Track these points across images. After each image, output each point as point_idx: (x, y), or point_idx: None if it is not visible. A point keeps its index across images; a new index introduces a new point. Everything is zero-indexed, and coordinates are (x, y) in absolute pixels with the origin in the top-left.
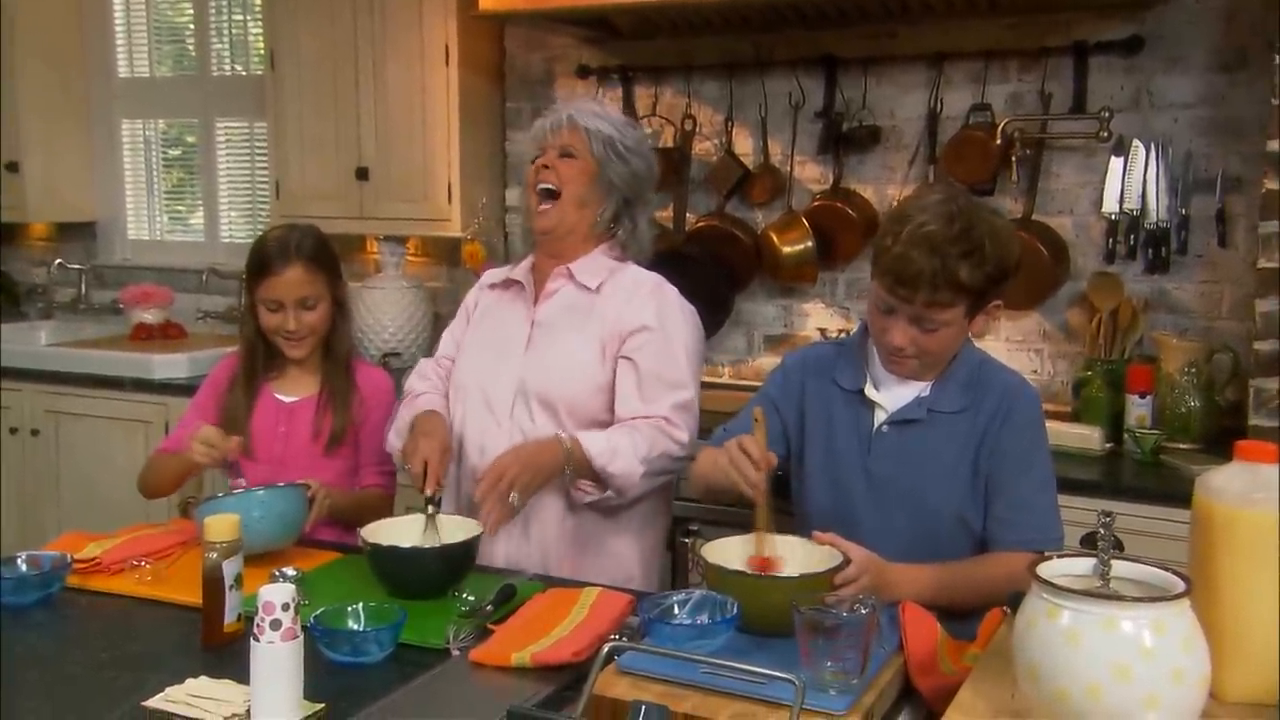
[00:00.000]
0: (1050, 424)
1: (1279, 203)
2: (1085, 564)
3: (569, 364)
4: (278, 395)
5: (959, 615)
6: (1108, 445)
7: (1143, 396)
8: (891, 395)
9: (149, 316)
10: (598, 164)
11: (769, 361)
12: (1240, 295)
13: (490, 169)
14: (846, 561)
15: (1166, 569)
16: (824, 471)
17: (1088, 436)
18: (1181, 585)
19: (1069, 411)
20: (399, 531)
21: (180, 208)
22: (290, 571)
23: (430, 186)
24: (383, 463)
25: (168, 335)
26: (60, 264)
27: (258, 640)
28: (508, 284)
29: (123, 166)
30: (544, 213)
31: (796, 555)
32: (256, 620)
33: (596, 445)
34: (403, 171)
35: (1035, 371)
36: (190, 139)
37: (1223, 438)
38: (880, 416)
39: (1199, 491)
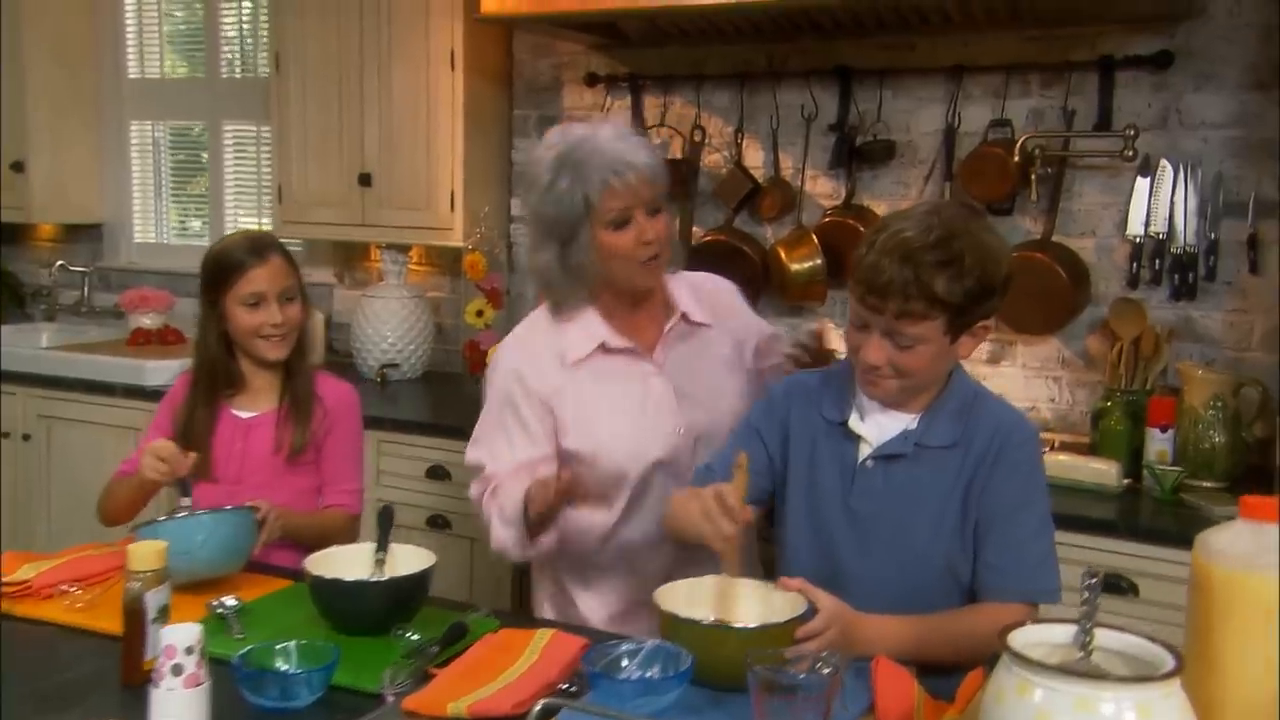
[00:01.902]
0: (1067, 457)
1: None
2: (1065, 632)
3: (724, 404)
4: (235, 412)
5: (944, 671)
6: (1125, 481)
7: (1164, 430)
8: (877, 428)
9: (148, 321)
10: (668, 205)
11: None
12: (1271, 326)
13: (495, 177)
14: (813, 611)
15: (1156, 642)
16: (805, 508)
17: (1104, 472)
18: (1171, 662)
19: (1086, 444)
20: (348, 560)
21: (187, 211)
22: (230, 601)
23: (433, 194)
24: (347, 481)
25: (165, 340)
26: (63, 266)
27: (156, 687)
28: (603, 350)
29: (130, 168)
30: (654, 270)
31: (763, 601)
32: (157, 664)
33: None
34: (406, 178)
35: (1053, 400)
36: (199, 141)
37: (1249, 477)
38: (864, 450)
39: (1198, 553)
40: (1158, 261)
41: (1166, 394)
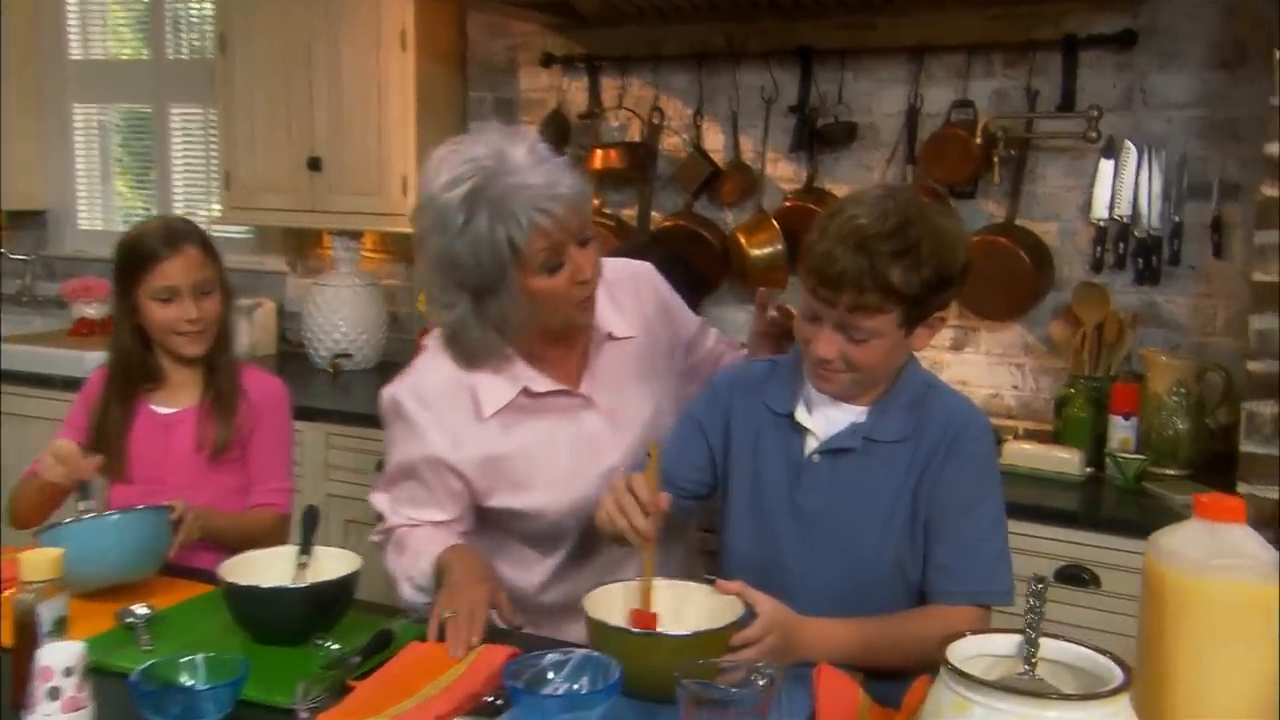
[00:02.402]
0: (1029, 446)
1: (1278, 210)
2: (1009, 643)
3: (663, 420)
4: (155, 408)
5: (893, 676)
6: (1088, 470)
7: (1127, 418)
8: (824, 420)
9: (91, 311)
10: (595, 231)
11: None
12: (1236, 310)
13: None
14: (752, 615)
15: (1105, 653)
16: (749, 504)
17: (1067, 460)
18: (1119, 677)
19: (1050, 432)
20: (268, 564)
21: (134, 197)
22: (140, 610)
23: (385, 179)
24: (275, 479)
25: (109, 331)
26: (4, 254)
27: (30, 713)
28: (525, 395)
29: (74, 153)
30: (590, 305)
31: (699, 605)
32: (30, 688)
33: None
34: (357, 163)
35: (1016, 387)
36: (146, 125)
37: (1212, 464)
38: (811, 444)
39: (1150, 554)
40: (1121, 245)
41: (1130, 380)
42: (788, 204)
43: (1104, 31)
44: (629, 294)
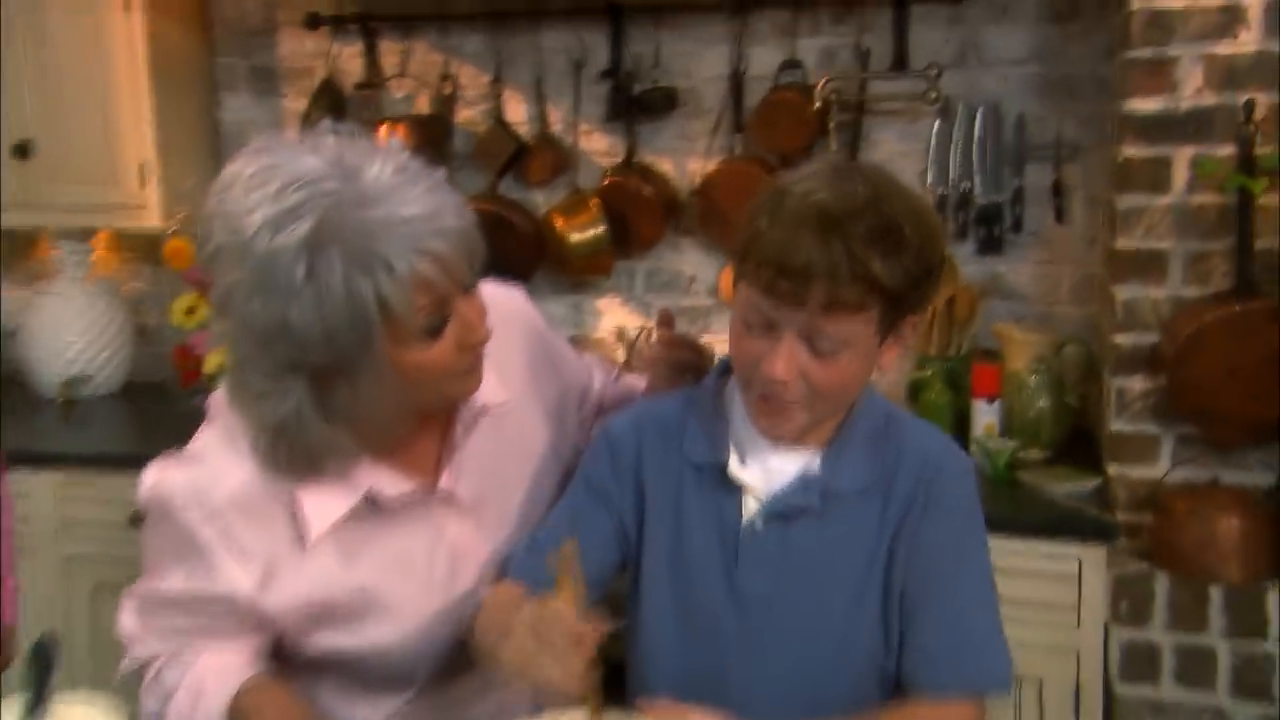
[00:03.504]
0: None
1: (1142, 172)
2: None
3: (542, 485)
4: None
5: None
6: None
7: (990, 401)
8: (764, 472)
9: None
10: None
11: None
12: (1080, 277)
13: (199, 142)
14: None
15: None
16: (671, 588)
17: None
18: None
19: None
20: None
21: None
22: None
23: (116, 165)
24: None
25: None
26: None
27: None
28: (366, 503)
29: None
30: (476, 371)
31: None
32: None
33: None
34: (77, 147)
35: None
36: None
37: (1074, 444)
38: (751, 506)
39: None
40: (962, 214)
41: (986, 360)
42: (608, 181)
43: None
44: (503, 340)
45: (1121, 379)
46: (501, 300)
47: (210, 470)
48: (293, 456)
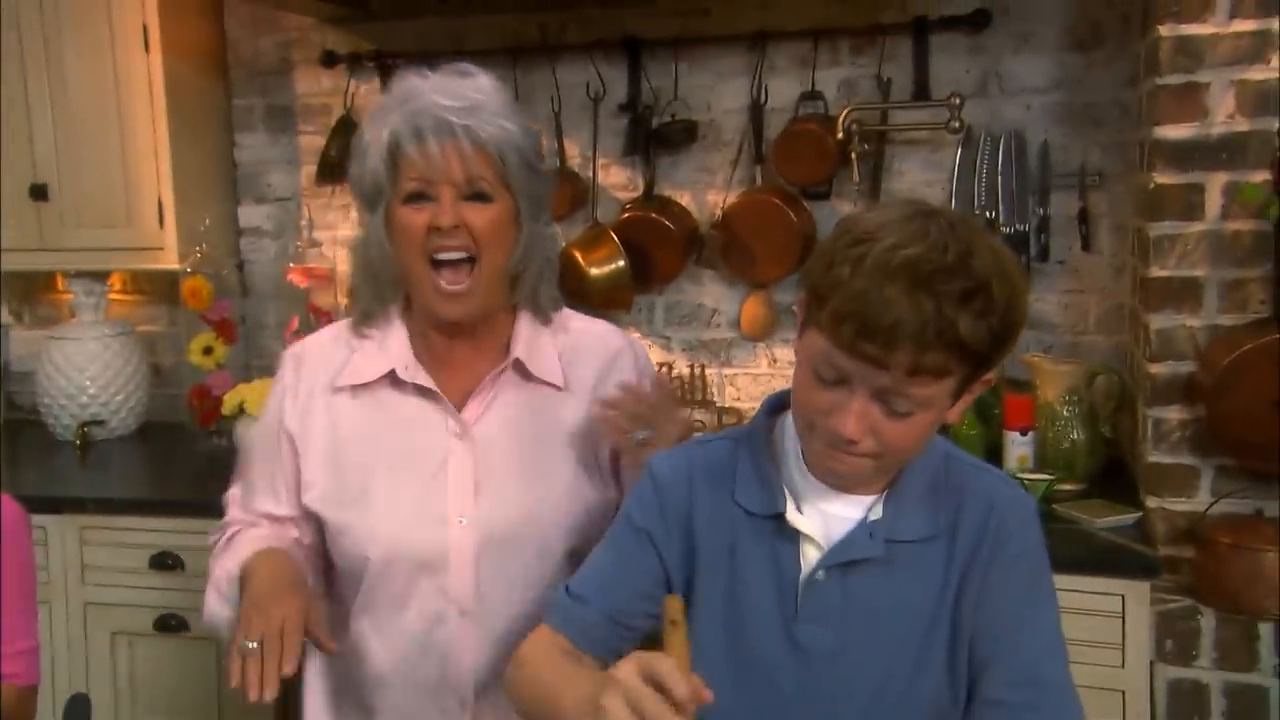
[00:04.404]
0: None
1: (1174, 199)
2: None
3: (550, 493)
4: None
5: None
6: None
7: (1024, 433)
8: (824, 520)
9: None
10: (515, 198)
11: None
12: (1108, 306)
13: (216, 182)
14: None
15: None
16: (726, 643)
17: None
18: None
19: None
20: None
21: None
22: None
23: (134, 206)
24: (14, 638)
25: None
26: None
27: None
28: (390, 381)
29: None
30: (457, 296)
31: None
32: None
33: None
34: (95, 189)
35: None
36: None
37: (1109, 475)
38: (811, 555)
39: None
40: None
41: (1015, 390)
42: (626, 214)
43: (955, 13)
44: (591, 350)
45: (1158, 410)
46: (615, 337)
47: (313, 337)
48: (359, 299)
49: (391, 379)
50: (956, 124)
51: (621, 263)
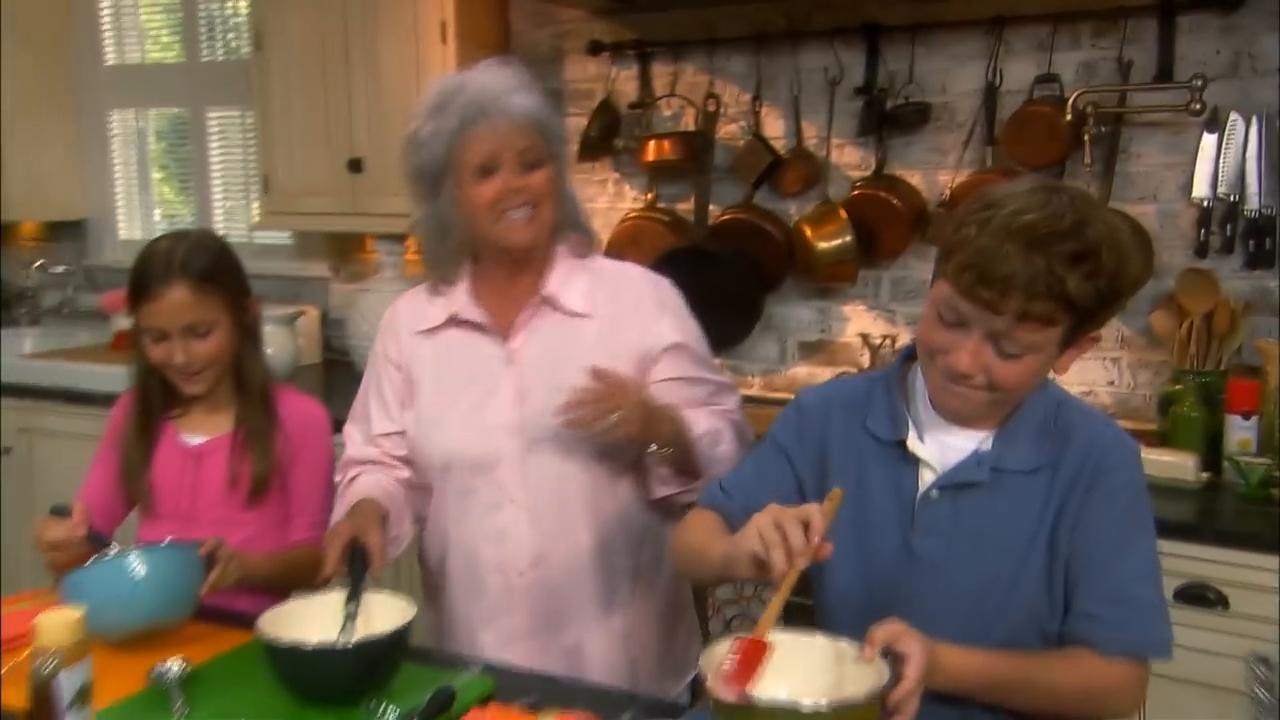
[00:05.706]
0: None
1: None
2: None
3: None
4: (183, 436)
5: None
6: (1204, 475)
7: (1246, 417)
8: (941, 448)
9: (130, 323)
10: (556, 160)
11: (804, 372)
12: None
13: None
14: (896, 676)
15: None
16: (853, 549)
17: (1180, 465)
18: None
19: (1155, 432)
20: (312, 616)
21: (178, 202)
22: (174, 667)
23: None
24: (317, 511)
25: None
26: (42, 265)
27: None
28: (454, 323)
29: (111, 160)
30: (522, 225)
31: (802, 661)
32: None
33: (700, 425)
34: (398, 163)
35: (1112, 383)
36: (183, 129)
37: None
38: (927, 477)
39: None
40: (1229, 227)
41: (1245, 375)
42: (856, 192)
43: None
44: (617, 288)
45: None
46: (650, 279)
47: (403, 297)
48: (431, 263)
49: (455, 321)
50: (1198, 106)
51: (848, 238)
